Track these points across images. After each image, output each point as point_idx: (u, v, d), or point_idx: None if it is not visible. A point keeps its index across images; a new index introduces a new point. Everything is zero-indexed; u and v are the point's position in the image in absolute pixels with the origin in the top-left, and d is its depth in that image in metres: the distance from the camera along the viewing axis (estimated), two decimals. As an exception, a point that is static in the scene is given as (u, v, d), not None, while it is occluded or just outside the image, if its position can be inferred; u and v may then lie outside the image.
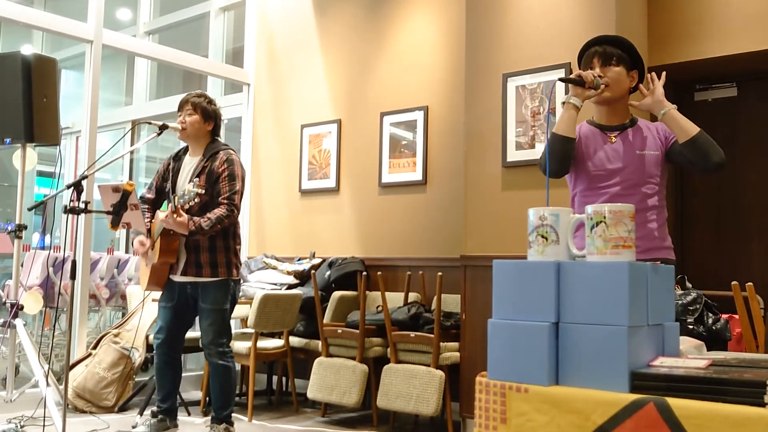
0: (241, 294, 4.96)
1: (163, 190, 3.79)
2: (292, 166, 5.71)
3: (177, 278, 3.61)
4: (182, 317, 3.70)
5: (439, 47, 4.91)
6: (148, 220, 3.65)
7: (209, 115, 3.68)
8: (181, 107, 3.69)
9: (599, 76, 2.41)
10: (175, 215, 3.33)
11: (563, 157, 2.44)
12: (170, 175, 3.72)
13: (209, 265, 3.55)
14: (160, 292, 3.72)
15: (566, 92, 2.63)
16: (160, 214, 3.57)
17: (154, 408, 3.77)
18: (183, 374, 4.36)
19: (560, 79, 2.39)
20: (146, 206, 3.72)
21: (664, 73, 2.46)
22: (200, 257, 3.55)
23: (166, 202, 3.79)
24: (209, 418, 3.72)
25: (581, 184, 2.53)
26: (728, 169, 4.10)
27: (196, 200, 3.45)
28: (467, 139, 4.20)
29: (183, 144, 3.85)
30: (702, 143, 2.35)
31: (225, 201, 3.52)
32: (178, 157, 3.78)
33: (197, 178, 3.58)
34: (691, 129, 2.36)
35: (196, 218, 3.44)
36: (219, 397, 3.64)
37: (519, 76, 3.97)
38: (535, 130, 3.88)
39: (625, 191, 2.43)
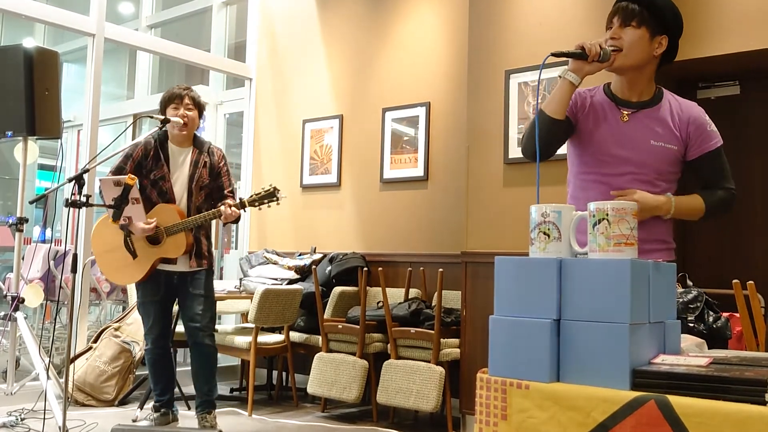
0: (242, 288, 4.97)
1: (140, 175, 3.61)
2: (293, 161, 5.71)
3: (174, 268, 3.64)
4: (168, 309, 3.80)
5: (442, 43, 4.90)
6: None
7: (202, 111, 3.80)
8: (178, 100, 3.64)
9: (612, 38, 2.05)
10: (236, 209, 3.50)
11: (547, 141, 2.05)
12: (161, 163, 3.62)
13: (209, 255, 3.73)
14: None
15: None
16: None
17: (155, 403, 3.78)
18: (183, 369, 4.38)
19: (554, 54, 1.94)
20: None
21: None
22: (201, 248, 3.68)
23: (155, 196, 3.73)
24: (200, 408, 3.66)
25: (581, 165, 2.15)
26: (730, 167, 4.09)
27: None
28: (469, 136, 4.19)
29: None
30: (715, 211, 2.16)
31: (231, 194, 3.73)
32: (162, 145, 3.66)
33: (201, 170, 3.67)
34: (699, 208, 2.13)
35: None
36: (209, 379, 3.69)
37: (521, 72, 3.96)
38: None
39: (628, 185, 2.05)
